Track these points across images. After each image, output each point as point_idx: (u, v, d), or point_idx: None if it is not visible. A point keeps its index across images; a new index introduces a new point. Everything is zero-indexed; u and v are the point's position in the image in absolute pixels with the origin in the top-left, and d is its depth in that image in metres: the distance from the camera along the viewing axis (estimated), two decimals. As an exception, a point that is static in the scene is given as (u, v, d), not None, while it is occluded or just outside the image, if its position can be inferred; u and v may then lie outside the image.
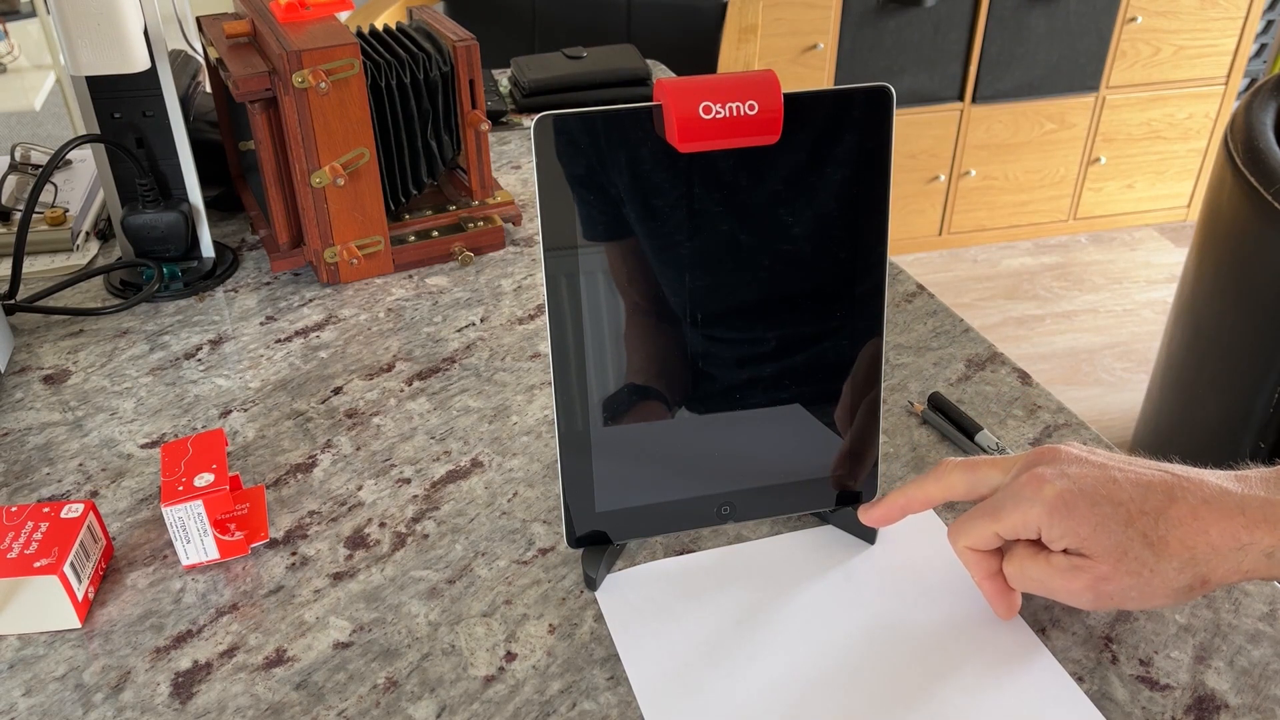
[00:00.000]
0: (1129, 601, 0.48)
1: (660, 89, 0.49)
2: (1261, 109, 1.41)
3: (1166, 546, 0.47)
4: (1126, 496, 0.48)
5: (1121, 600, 0.48)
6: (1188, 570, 0.47)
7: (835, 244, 0.54)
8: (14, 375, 0.75)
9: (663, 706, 0.50)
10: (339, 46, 0.77)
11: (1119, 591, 0.48)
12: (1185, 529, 0.46)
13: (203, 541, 0.57)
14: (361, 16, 1.88)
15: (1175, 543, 0.47)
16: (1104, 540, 0.47)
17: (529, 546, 0.60)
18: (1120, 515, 0.47)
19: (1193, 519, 0.47)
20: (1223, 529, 0.46)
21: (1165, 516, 0.47)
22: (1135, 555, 0.47)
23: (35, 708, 0.51)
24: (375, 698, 0.51)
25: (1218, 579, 0.47)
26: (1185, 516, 0.47)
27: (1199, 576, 0.47)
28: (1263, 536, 0.46)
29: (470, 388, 0.73)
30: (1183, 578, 0.47)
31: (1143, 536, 0.47)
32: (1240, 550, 0.46)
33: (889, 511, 0.56)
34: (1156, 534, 0.47)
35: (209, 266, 0.87)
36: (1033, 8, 2.49)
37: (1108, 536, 0.47)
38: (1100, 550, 0.47)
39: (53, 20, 0.73)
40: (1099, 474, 0.49)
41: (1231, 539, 0.46)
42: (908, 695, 0.50)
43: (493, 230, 0.90)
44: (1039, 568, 0.50)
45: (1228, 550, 0.46)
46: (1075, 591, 0.49)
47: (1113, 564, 0.47)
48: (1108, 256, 2.78)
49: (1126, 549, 0.47)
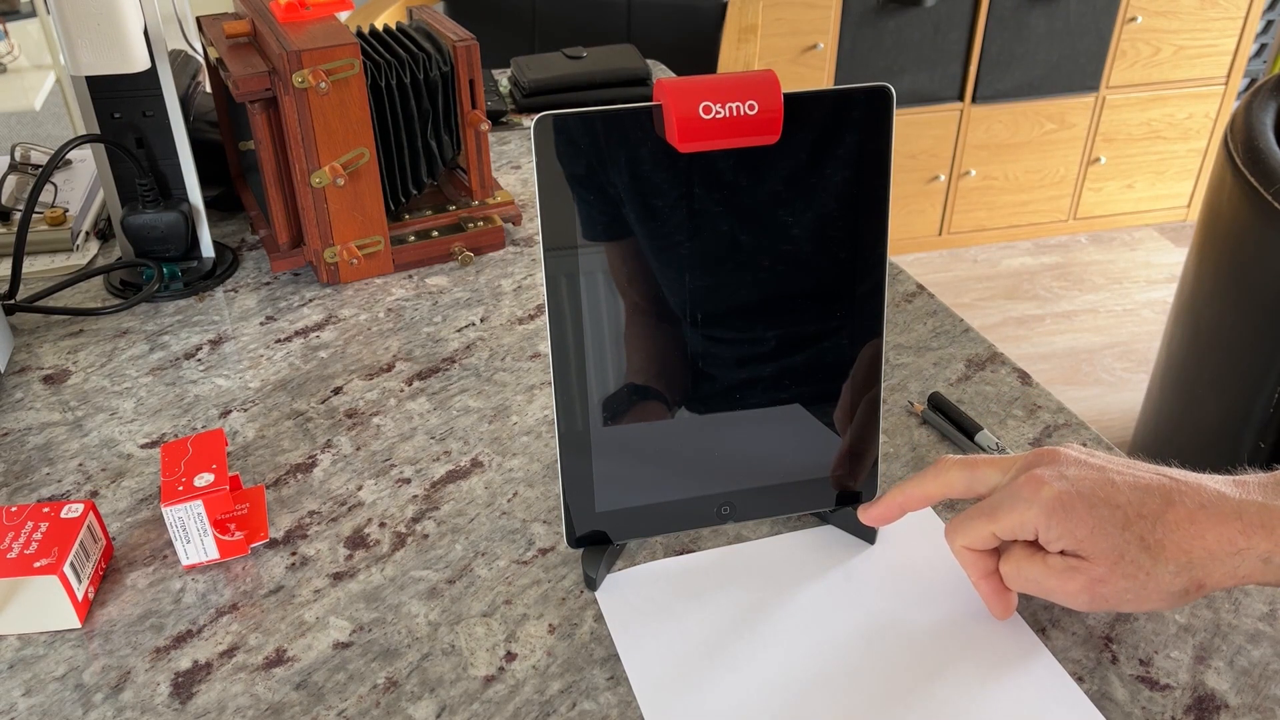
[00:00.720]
0: (1125, 604, 0.49)
1: (660, 89, 0.49)
2: (1261, 109, 1.41)
3: (1163, 550, 0.47)
4: (1124, 499, 0.48)
5: (1117, 602, 0.49)
6: (1183, 574, 0.47)
7: (835, 244, 0.54)
8: (14, 375, 0.75)
9: (663, 706, 0.50)
10: (339, 46, 0.78)
11: (1115, 594, 0.48)
12: (1182, 533, 0.47)
13: (203, 541, 0.57)
14: (361, 16, 1.88)
15: (1172, 546, 0.47)
16: (1101, 543, 0.47)
17: (529, 546, 0.60)
18: (1118, 518, 0.47)
19: (1190, 523, 0.47)
20: (1219, 534, 0.46)
21: (1162, 520, 0.47)
22: (1132, 558, 0.47)
23: (35, 708, 0.51)
24: (375, 698, 0.51)
25: (1213, 583, 0.47)
26: (1182, 520, 0.47)
27: (1194, 580, 0.47)
28: (1259, 542, 0.46)
29: (470, 388, 0.73)
30: (1178, 581, 0.47)
31: (1140, 540, 0.47)
32: (1236, 555, 0.46)
33: (888, 510, 0.56)
34: (1154, 537, 0.47)
35: (209, 266, 0.87)
36: (1033, 8, 2.49)
37: (1105, 539, 0.47)
38: (1097, 552, 0.47)
39: (53, 20, 0.73)
40: (1097, 476, 0.49)
41: (1228, 544, 0.46)
42: (907, 695, 0.50)
43: (493, 230, 0.90)
44: (1036, 568, 0.50)
45: (1224, 555, 0.46)
46: (1071, 593, 0.49)
47: (1109, 566, 0.47)
48: (1108, 256, 2.78)
49: (1123, 552, 0.47)
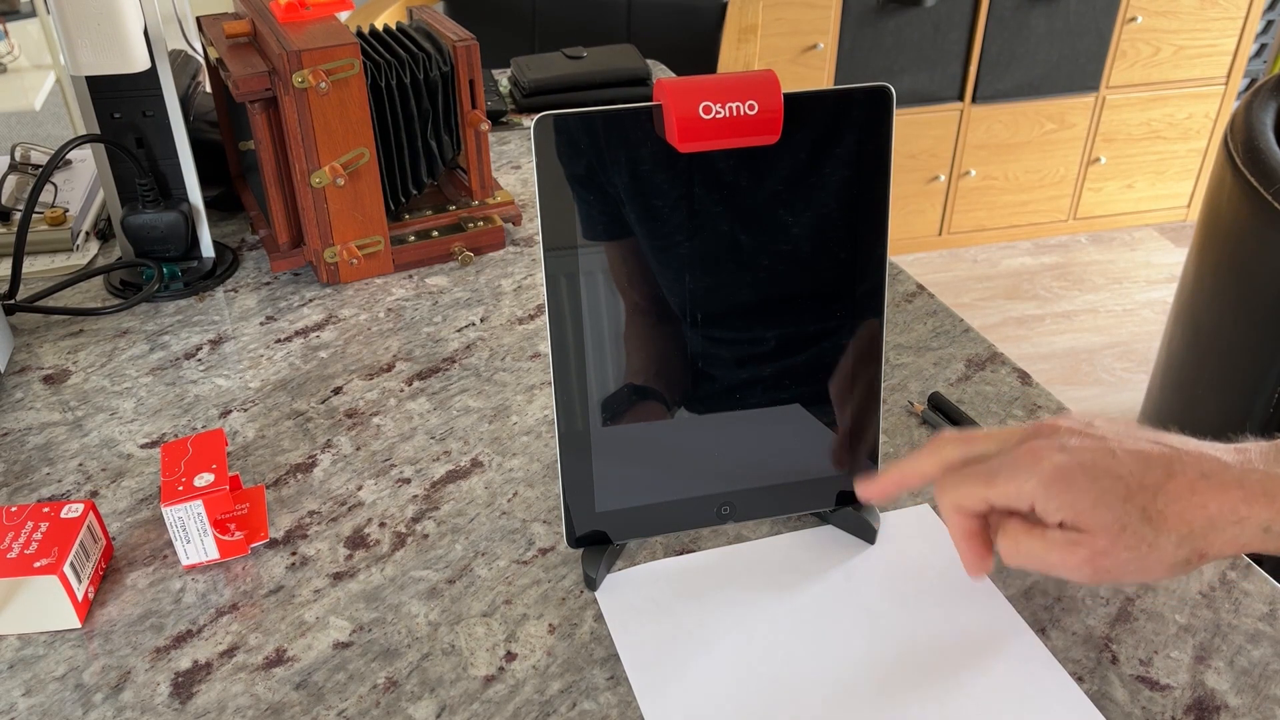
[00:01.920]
0: (1126, 575, 0.48)
1: (660, 89, 0.49)
2: (1261, 109, 1.41)
3: (1165, 521, 0.46)
4: (1126, 470, 0.47)
5: (1119, 574, 0.48)
6: (1185, 544, 0.46)
7: (835, 244, 0.54)
8: (14, 375, 0.75)
9: (663, 706, 0.50)
10: (339, 46, 0.78)
11: (1117, 566, 0.47)
12: (1184, 503, 0.46)
13: (203, 541, 0.57)
14: (361, 16, 1.88)
15: (1174, 517, 0.46)
16: (1103, 515, 0.47)
17: (529, 546, 0.60)
18: (1119, 489, 0.47)
19: (1191, 493, 0.46)
20: (1221, 503, 0.46)
21: (1164, 490, 0.46)
22: (1134, 530, 0.46)
23: (35, 708, 0.51)
24: (375, 698, 0.51)
25: (1214, 552, 0.47)
26: (1184, 491, 0.46)
27: (1196, 550, 0.46)
28: (1260, 510, 0.45)
29: (470, 388, 0.73)
30: (1180, 551, 0.46)
31: (1141, 511, 0.46)
32: (1238, 524, 0.46)
33: (885, 486, 0.56)
34: (1155, 508, 0.46)
35: (209, 266, 0.87)
36: (1033, 8, 2.49)
37: (1107, 511, 0.46)
38: (1098, 525, 0.47)
39: (53, 20, 0.73)
40: (1098, 446, 0.48)
41: (1230, 512, 0.46)
42: (907, 695, 0.50)
43: (493, 230, 0.90)
44: (1035, 543, 0.49)
45: (1225, 524, 0.46)
46: (1073, 567, 0.48)
47: (1111, 538, 0.47)
48: (1108, 256, 2.78)
49: (1125, 523, 0.46)
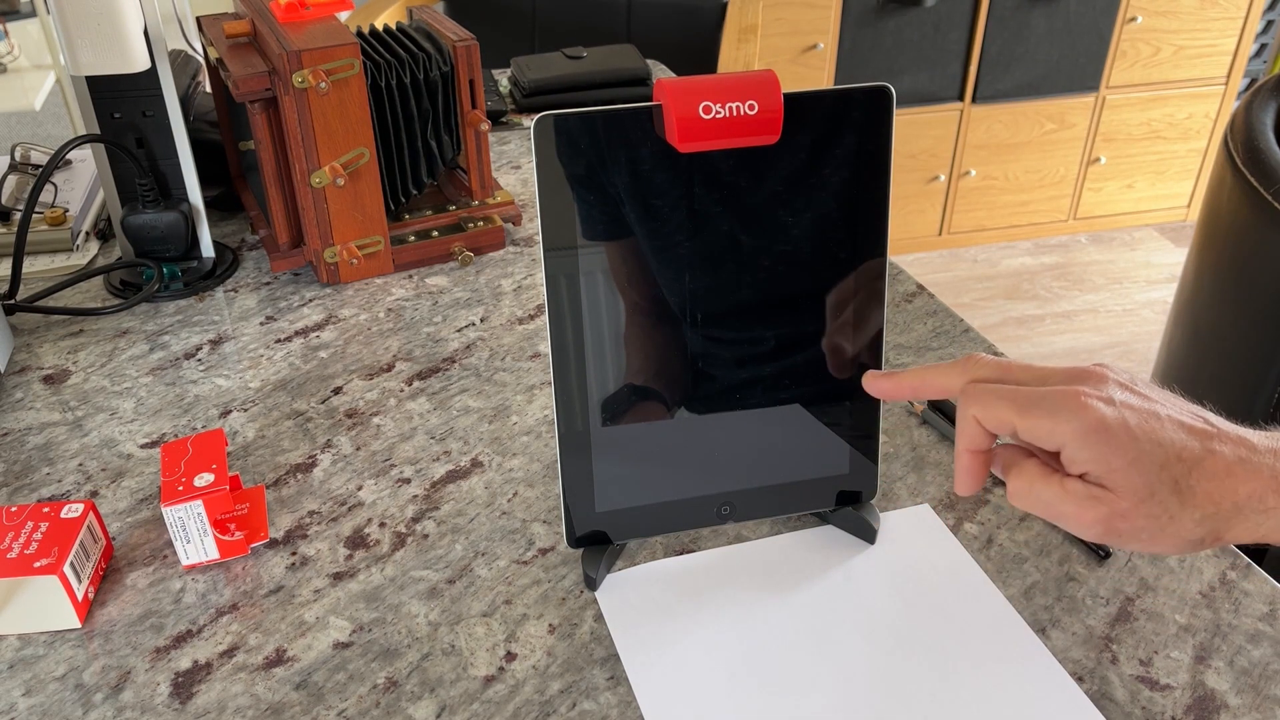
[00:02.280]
0: (1137, 542, 0.46)
1: (660, 89, 0.49)
2: (1261, 109, 1.41)
3: (1194, 497, 0.45)
4: (1169, 438, 0.45)
5: (1130, 540, 0.46)
6: (1205, 524, 0.45)
7: (835, 244, 0.54)
8: (14, 375, 0.75)
9: (663, 706, 0.50)
10: (339, 46, 0.78)
11: (1131, 530, 0.46)
12: (1216, 483, 0.45)
13: (203, 541, 0.57)
14: (361, 16, 1.88)
15: (1202, 495, 0.45)
16: (1134, 478, 0.45)
17: (529, 546, 0.60)
18: (1158, 456, 0.45)
19: (1226, 475, 0.45)
20: (1252, 489, 0.45)
21: (1200, 467, 0.45)
22: (1160, 499, 0.45)
23: (35, 708, 0.51)
24: (375, 698, 0.51)
25: (1231, 537, 0.46)
26: (1219, 471, 0.45)
27: (1214, 532, 0.45)
28: None
29: (470, 388, 0.73)
30: (1199, 530, 0.45)
31: (1174, 482, 0.45)
32: (1264, 513, 0.45)
33: (899, 387, 0.53)
34: (1187, 482, 0.45)
35: (209, 266, 0.87)
36: (1033, 8, 2.49)
37: (1139, 475, 0.45)
38: (1126, 487, 0.45)
39: (53, 20, 0.73)
40: (1145, 407, 0.46)
41: (1258, 500, 0.45)
42: (907, 695, 0.50)
43: (493, 230, 0.90)
44: (1052, 490, 0.47)
45: (1251, 511, 0.45)
46: (1086, 523, 0.46)
47: (1135, 503, 0.45)
48: (1108, 256, 2.78)
49: (1154, 491, 0.45)
